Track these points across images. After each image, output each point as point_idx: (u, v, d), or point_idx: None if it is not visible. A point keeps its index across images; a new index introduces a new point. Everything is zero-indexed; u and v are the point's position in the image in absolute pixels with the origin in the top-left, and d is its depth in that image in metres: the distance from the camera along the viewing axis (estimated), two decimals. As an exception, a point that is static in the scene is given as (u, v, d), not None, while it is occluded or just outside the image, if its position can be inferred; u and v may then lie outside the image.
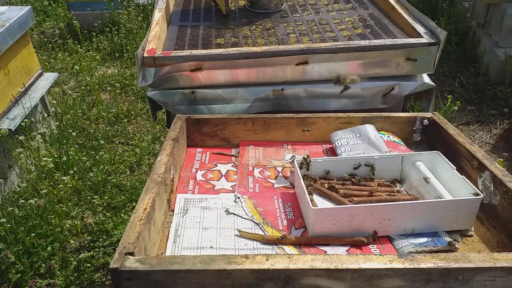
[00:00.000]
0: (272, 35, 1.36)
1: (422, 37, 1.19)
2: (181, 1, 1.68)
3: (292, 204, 0.89)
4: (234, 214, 0.85)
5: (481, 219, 0.84)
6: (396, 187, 0.92)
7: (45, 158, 1.85)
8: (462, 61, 3.11)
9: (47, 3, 4.25)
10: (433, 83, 1.23)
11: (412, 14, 1.34)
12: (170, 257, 0.64)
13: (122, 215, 1.77)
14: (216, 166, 1.03)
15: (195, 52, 1.18)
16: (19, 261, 1.52)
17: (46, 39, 3.46)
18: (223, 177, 0.98)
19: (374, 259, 0.63)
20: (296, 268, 0.62)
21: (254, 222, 0.83)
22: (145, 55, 1.15)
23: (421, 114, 1.11)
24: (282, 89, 1.20)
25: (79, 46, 3.29)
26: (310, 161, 0.92)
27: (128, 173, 2.06)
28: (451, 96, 2.25)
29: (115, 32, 3.35)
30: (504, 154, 2.22)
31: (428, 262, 0.62)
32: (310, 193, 0.87)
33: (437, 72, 2.96)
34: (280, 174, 1.00)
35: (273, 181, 0.97)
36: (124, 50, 3.25)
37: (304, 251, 0.76)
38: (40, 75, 2.19)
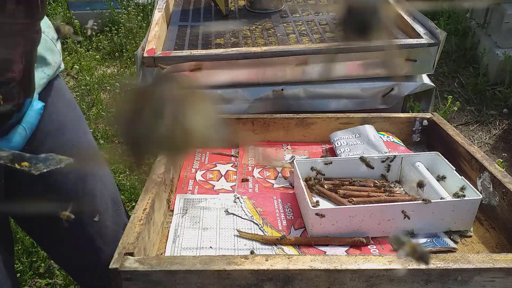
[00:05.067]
0: (272, 35, 1.36)
1: (422, 37, 1.20)
2: (181, 1, 1.68)
3: (292, 205, 0.89)
4: (233, 214, 0.85)
5: (480, 220, 0.84)
6: (396, 187, 0.92)
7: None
8: (461, 62, 3.11)
9: (47, 2, 4.25)
10: (432, 84, 1.23)
11: (411, 15, 1.34)
12: (169, 257, 0.64)
13: (122, 214, 1.77)
14: (216, 166, 1.03)
15: (195, 52, 1.18)
16: (18, 260, 1.52)
17: (46, 39, 3.45)
18: (223, 177, 0.98)
19: (374, 260, 0.63)
20: (296, 268, 0.62)
21: (253, 222, 0.83)
22: (145, 55, 1.15)
23: (420, 114, 1.11)
24: (282, 89, 1.20)
25: (79, 46, 3.28)
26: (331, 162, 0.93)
27: (127, 172, 2.06)
28: (451, 96, 2.25)
29: (115, 31, 3.35)
30: (503, 154, 2.22)
31: (427, 263, 0.62)
32: (310, 192, 0.87)
33: (437, 73, 2.96)
34: (280, 174, 1.00)
35: (273, 181, 0.98)
36: (124, 50, 3.25)
37: (304, 251, 0.76)
38: (40, 74, 2.18)
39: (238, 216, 0.85)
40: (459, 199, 0.78)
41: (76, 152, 0.82)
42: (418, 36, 1.21)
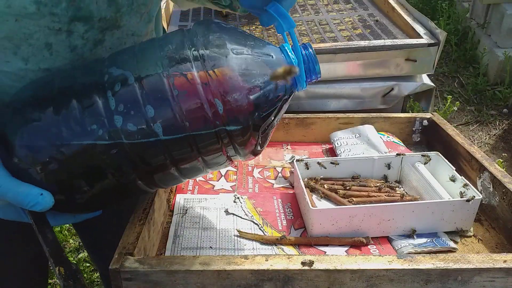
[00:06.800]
0: (272, 35, 1.36)
1: (422, 37, 1.20)
2: (181, 1, 1.68)
3: (292, 205, 0.89)
4: (233, 214, 0.85)
5: (480, 220, 0.84)
6: (396, 187, 0.92)
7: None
8: (461, 62, 3.11)
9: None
10: (432, 84, 1.24)
11: (411, 15, 1.34)
12: (169, 258, 0.64)
13: (122, 214, 1.77)
14: (216, 166, 1.03)
15: (195, 52, 1.18)
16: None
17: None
18: (223, 177, 0.98)
19: (374, 260, 0.63)
20: (296, 268, 0.62)
21: (253, 222, 0.83)
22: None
23: (420, 114, 1.11)
24: (282, 89, 1.20)
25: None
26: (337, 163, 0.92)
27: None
28: (451, 96, 2.26)
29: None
30: (503, 154, 2.22)
31: (427, 263, 0.62)
32: (311, 192, 0.87)
33: (437, 73, 2.96)
34: (280, 174, 1.00)
35: (273, 181, 0.98)
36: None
37: (304, 251, 0.76)
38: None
39: (238, 216, 0.85)
40: (464, 199, 0.78)
41: None
42: (418, 36, 1.21)
